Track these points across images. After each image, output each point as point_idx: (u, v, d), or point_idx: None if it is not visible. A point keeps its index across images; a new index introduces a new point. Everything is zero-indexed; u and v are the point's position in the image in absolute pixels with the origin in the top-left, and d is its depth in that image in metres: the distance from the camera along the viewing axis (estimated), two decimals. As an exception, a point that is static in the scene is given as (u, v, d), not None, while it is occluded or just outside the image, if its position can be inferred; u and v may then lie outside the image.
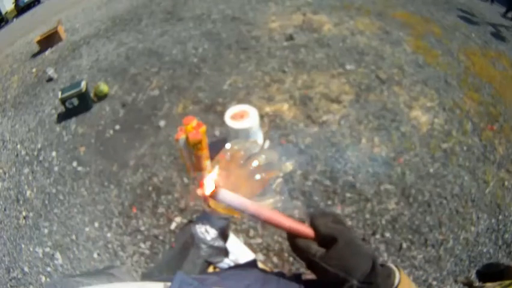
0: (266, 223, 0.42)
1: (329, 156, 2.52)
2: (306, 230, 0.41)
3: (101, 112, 3.41)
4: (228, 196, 0.40)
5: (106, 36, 5.02)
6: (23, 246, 2.31)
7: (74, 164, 2.87)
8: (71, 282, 0.42)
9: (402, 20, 4.41)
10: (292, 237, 0.42)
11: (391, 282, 0.39)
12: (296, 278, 0.49)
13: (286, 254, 1.99)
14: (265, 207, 0.42)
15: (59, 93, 3.42)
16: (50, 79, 4.21)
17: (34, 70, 4.68)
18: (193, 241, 0.65)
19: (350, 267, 0.37)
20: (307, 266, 0.41)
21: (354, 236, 0.39)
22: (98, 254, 2.18)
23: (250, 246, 2.01)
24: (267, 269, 0.61)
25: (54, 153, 3.03)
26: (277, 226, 0.42)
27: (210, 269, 0.67)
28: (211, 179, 0.42)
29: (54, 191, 2.67)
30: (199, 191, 0.42)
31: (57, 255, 2.21)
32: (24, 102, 3.94)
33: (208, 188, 0.41)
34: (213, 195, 0.40)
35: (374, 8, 4.70)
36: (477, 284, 1.16)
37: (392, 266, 0.41)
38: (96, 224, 2.36)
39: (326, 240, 0.39)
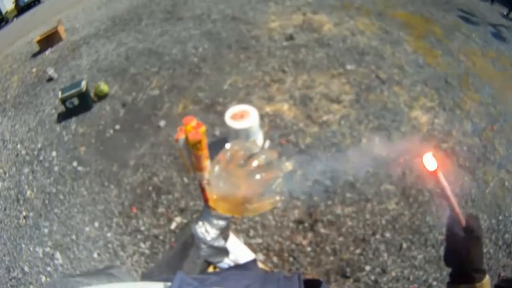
0: (447, 202, 0.52)
1: (329, 156, 2.52)
2: (462, 217, 0.52)
3: (101, 112, 3.41)
4: (442, 179, 0.49)
5: (106, 36, 5.02)
6: (23, 246, 2.30)
7: (74, 163, 2.87)
8: (71, 282, 0.42)
9: (403, 20, 4.40)
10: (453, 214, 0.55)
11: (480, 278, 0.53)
12: (296, 278, 0.49)
13: (286, 254, 2.00)
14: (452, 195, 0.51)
15: (59, 93, 3.42)
16: (50, 79, 4.20)
17: (34, 70, 4.68)
18: (193, 241, 0.64)
19: (473, 257, 0.52)
20: (447, 236, 0.56)
21: (483, 241, 0.55)
22: (98, 254, 2.18)
23: (250, 246, 2.01)
24: (267, 269, 0.61)
25: (54, 153, 3.03)
26: (452, 207, 0.52)
27: (210, 269, 0.67)
28: (432, 157, 0.48)
29: (54, 190, 2.67)
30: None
31: (58, 255, 2.21)
32: (25, 102, 3.94)
33: (431, 164, 0.47)
34: (435, 173, 0.48)
35: (374, 8, 4.70)
36: None
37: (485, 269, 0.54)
38: (96, 224, 2.36)
39: (468, 230, 0.52)
